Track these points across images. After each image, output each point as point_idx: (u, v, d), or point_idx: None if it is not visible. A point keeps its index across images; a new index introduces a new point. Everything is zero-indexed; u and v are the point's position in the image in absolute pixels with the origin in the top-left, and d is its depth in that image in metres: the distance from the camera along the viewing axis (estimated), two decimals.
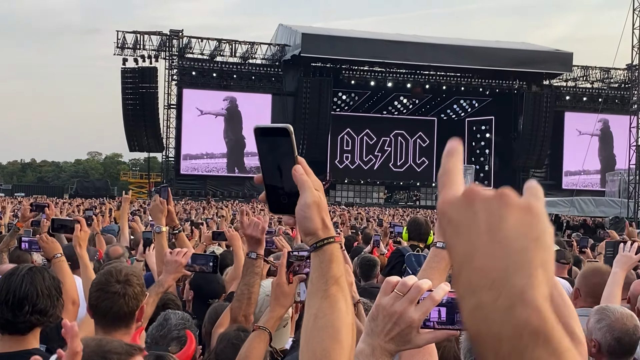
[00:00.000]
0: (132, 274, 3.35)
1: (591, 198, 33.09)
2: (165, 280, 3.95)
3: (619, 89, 56.93)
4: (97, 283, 3.33)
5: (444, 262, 2.49)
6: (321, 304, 1.50)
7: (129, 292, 3.23)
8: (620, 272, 4.01)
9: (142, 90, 50.45)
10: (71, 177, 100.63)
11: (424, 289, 1.46)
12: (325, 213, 1.51)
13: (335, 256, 1.49)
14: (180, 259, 3.95)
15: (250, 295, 3.59)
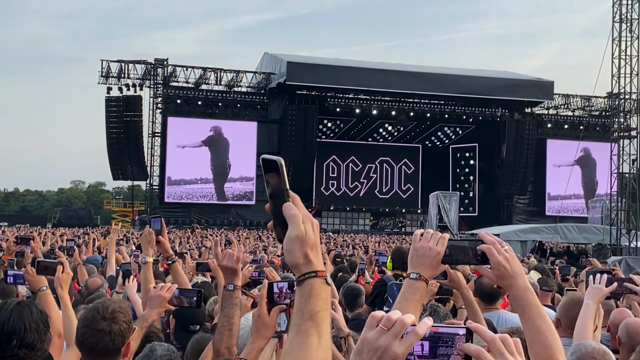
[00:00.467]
0: (119, 311, 3.33)
1: (574, 225, 33.29)
2: (150, 315, 3.96)
3: (599, 117, 57.50)
4: (83, 319, 3.32)
5: (418, 294, 2.47)
6: (292, 338, 1.53)
7: (115, 329, 3.24)
8: (591, 305, 4.04)
9: (126, 119, 50.38)
10: (54, 206, 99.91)
11: (408, 324, 1.48)
12: (310, 247, 1.53)
13: (314, 291, 1.51)
14: (164, 293, 3.98)
15: (230, 327, 3.59)
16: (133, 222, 54.50)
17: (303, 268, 1.52)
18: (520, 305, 2.38)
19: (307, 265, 1.52)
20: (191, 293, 4.22)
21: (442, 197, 42.20)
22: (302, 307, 1.53)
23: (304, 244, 1.53)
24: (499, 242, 2.46)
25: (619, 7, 33.23)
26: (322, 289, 1.52)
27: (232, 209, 52.39)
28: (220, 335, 3.64)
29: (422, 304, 2.57)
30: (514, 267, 2.39)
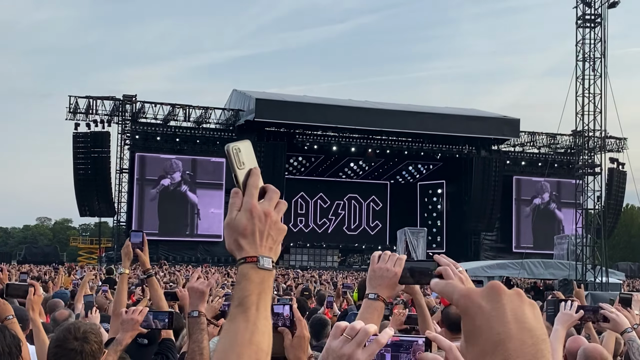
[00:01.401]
0: (91, 332, 3.38)
1: (540, 261, 33.57)
2: (123, 339, 3.99)
3: (565, 154, 58.46)
4: (55, 339, 3.36)
5: (377, 314, 2.57)
6: (223, 325, 1.54)
7: (86, 349, 3.27)
8: (561, 330, 4.14)
9: (94, 155, 50.03)
10: (19, 243, 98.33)
11: (371, 333, 1.54)
12: (240, 234, 1.53)
13: (243, 276, 1.51)
14: (136, 316, 4.03)
15: (201, 352, 3.63)
16: (100, 259, 53.83)
17: (236, 255, 1.54)
18: None
19: (239, 252, 1.53)
20: (163, 315, 4.29)
21: (410, 233, 42.42)
22: (234, 293, 1.54)
23: (233, 231, 1.53)
24: (454, 264, 2.54)
25: (582, 46, 34.00)
26: (251, 274, 1.51)
27: (199, 245, 52.06)
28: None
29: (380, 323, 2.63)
30: None
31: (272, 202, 1.55)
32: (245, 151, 1.60)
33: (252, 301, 1.49)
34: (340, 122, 51.63)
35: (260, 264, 1.51)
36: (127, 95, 51.58)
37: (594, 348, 4.33)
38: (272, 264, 1.53)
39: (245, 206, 1.53)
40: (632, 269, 58.98)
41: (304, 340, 2.87)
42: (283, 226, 1.57)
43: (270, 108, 49.88)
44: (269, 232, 1.53)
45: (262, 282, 1.51)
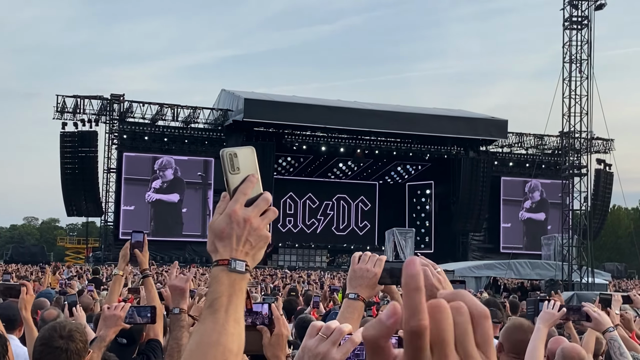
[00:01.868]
0: (76, 330, 3.38)
1: (527, 261, 33.78)
2: (107, 335, 3.99)
3: (552, 155, 58.72)
4: (40, 338, 3.36)
5: (357, 313, 2.60)
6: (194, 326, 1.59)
7: (72, 347, 3.27)
8: (543, 329, 4.16)
9: (81, 154, 49.81)
10: (6, 242, 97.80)
11: (346, 332, 1.56)
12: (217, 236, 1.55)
13: (214, 278, 1.53)
14: (118, 312, 4.02)
15: (179, 349, 3.63)
16: (87, 259, 53.64)
17: (212, 257, 1.56)
18: None
19: (215, 255, 1.55)
20: (145, 310, 4.27)
21: (398, 233, 42.51)
22: (207, 296, 1.57)
23: (212, 233, 1.56)
24: (432, 265, 2.59)
25: (568, 48, 34.23)
26: (222, 276, 1.53)
27: (187, 245, 51.97)
28: (170, 357, 3.68)
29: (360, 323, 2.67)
30: (446, 288, 2.51)
31: (257, 208, 1.56)
32: (244, 157, 1.60)
33: (221, 303, 1.51)
34: (329, 123, 51.64)
35: (231, 267, 1.53)
36: (114, 94, 51.42)
37: (572, 348, 4.37)
38: (245, 268, 1.54)
39: (227, 210, 1.55)
40: (619, 269, 59.29)
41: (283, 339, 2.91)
42: (266, 233, 1.58)
43: (259, 108, 49.83)
44: (247, 237, 1.55)
45: (232, 285, 1.53)
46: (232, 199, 1.56)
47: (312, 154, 56.25)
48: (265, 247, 1.60)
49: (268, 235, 1.59)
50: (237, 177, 1.57)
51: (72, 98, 49.80)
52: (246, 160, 1.59)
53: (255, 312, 2.99)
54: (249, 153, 1.61)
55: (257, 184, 1.58)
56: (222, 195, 1.59)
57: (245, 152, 1.60)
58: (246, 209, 1.55)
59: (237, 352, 1.51)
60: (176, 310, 3.74)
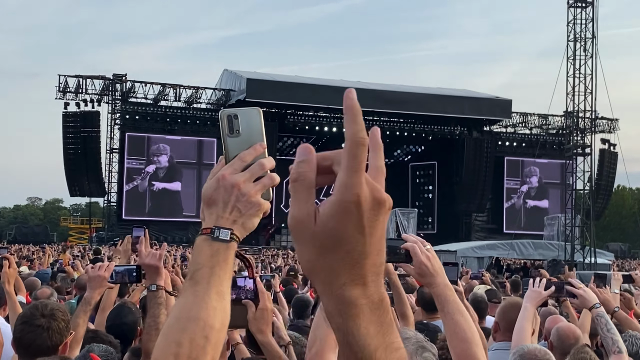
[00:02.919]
0: (58, 309, 3.37)
1: (530, 241, 33.74)
2: (92, 297, 3.95)
3: (556, 135, 58.52)
4: (22, 316, 3.37)
5: None
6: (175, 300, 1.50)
7: (53, 326, 3.23)
8: (529, 307, 4.08)
9: (84, 135, 49.78)
10: (10, 223, 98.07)
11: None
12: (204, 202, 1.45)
13: (196, 248, 1.44)
14: (102, 272, 3.98)
15: (157, 327, 3.56)
16: (90, 239, 53.80)
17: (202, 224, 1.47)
18: (440, 302, 2.51)
19: (203, 223, 1.45)
20: (130, 269, 4.20)
21: (401, 214, 42.38)
22: (188, 267, 1.49)
23: (202, 199, 1.46)
24: (422, 242, 2.56)
25: (573, 26, 33.96)
26: (203, 246, 1.42)
27: (190, 226, 51.99)
28: (148, 335, 3.63)
29: None
30: (435, 265, 2.52)
31: (249, 173, 1.42)
32: (246, 119, 1.45)
33: (202, 275, 1.40)
34: (332, 103, 51.45)
35: (214, 235, 1.41)
36: (117, 74, 51.32)
37: (567, 327, 4.30)
38: (230, 236, 1.42)
39: (216, 175, 1.43)
40: (622, 249, 59.34)
41: (267, 313, 2.91)
42: (257, 200, 1.44)
43: (262, 88, 49.71)
44: (235, 204, 1.42)
45: (215, 255, 1.41)
46: (228, 163, 1.43)
47: (315, 135, 56.12)
48: (259, 215, 1.46)
49: (261, 202, 1.45)
50: (235, 141, 1.43)
51: (74, 78, 49.74)
52: (250, 123, 1.45)
53: (240, 286, 2.94)
54: (253, 115, 1.46)
55: (263, 153, 1.44)
56: (219, 159, 1.46)
57: (248, 114, 1.46)
58: (237, 174, 1.42)
59: (220, 327, 1.40)
60: (153, 287, 3.68)
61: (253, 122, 1.45)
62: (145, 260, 3.76)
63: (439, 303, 2.50)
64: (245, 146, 1.43)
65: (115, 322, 5.02)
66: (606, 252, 38.73)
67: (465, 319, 2.45)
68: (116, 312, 5.15)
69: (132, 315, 5.54)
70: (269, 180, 1.46)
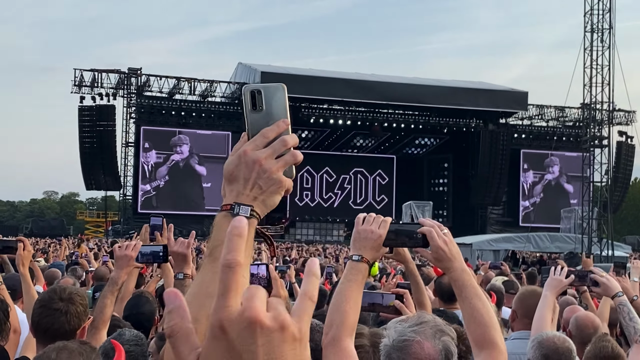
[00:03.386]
0: (76, 293, 3.35)
1: (546, 234, 33.53)
2: (118, 277, 3.94)
3: (573, 127, 58.14)
4: (40, 300, 3.34)
5: (361, 275, 2.56)
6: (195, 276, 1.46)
7: (72, 310, 3.23)
8: (550, 296, 4.04)
9: (99, 128, 50.03)
10: (26, 216, 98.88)
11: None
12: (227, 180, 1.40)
13: (216, 225, 1.41)
14: (129, 252, 3.98)
15: None
16: (106, 233, 54.11)
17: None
18: (457, 286, 2.50)
19: (224, 200, 1.42)
20: (156, 250, 4.21)
21: (416, 207, 42.28)
22: (207, 244, 1.45)
23: (223, 176, 1.41)
24: (439, 226, 2.54)
25: (590, 17, 33.67)
26: (223, 223, 1.38)
27: (206, 219, 52.10)
28: None
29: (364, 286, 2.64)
30: (452, 250, 2.52)
31: (271, 149, 1.36)
32: (270, 95, 1.40)
33: (217, 251, 1.36)
34: (346, 96, 51.46)
35: (234, 212, 1.37)
36: (132, 68, 51.53)
37: (586, 316, 4.24)
38: (250, 213, 1.37)
39: (238, 151, 1.39)
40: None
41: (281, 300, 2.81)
42: (279, 177, 1.38)
43: (276, 81, 49.27)
44: (256, 180, 1.36)
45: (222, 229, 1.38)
46: (251, 139, 1.38)
47: (329, 128, 56.11)
48: (280, 193, 1.41)
49: (282, 179, 1.39)
50: (258, 117, 1.38)
51: (90, 72, 49.97)
52: (273, 99, 1.40)
53: (252, 274, 2.91)
54: (277, 91, 1.41)
55: (287, 130, 1.39)
56: (242, 136, 1.42)
57: (272, 90, 1.41)
58: (259, 150, 1.37)
59: None
60: (180, 276, 3.69)
61: (277, 98, 1.40)
62: (174, 247, 3.78)
63: (457, 288, 2.47)
64: (269, 122, 1.38)
65: (132, 312, 5.05)
66: (623, 245, 38.44)
67: (483, 303, 2.44)
68: (134, 301, 5.16)
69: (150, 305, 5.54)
70: (292, 157, 1.40)
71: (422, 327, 2.32)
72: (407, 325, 2.36)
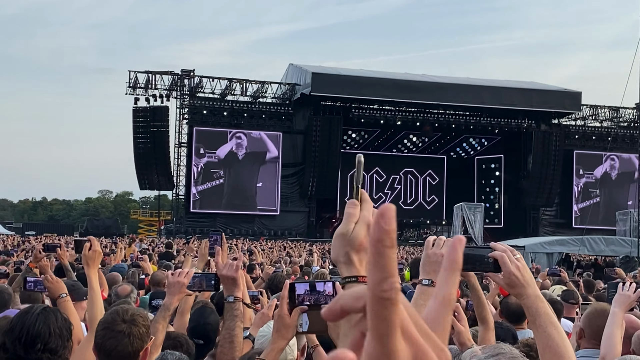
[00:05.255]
0: (139, 315, 3.37)
1: (601, 237, 32.83)
2: (170, 303, 3.97)
3: (628, 128, 56.92)
4: (103, 322, 3.35)
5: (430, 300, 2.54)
6: None
7: (134, 332, 3.25)
8: (619, 312, 4.00)
9: (153, 129, 50.80)
10: (82, 215, 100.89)
11: None
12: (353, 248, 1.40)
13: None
14: (182, 279, 3.98)
15: (232, 339, 3.57)
16: (159, 232, 54.89)
17: (343, 268, 1.43)
18: (531, 314, 2.43)
19: (348, 268, 1.42)
20: (209, 277, 4.21)
21: (467, 208, 41.96)
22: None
23: (347, 243, 1.42)
24: (511, 250, 2.51)
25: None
26: None
27: (256, 219, 52.52)
28: (222, 348, 3.61)
29: None
30: (525, 276, 2.44)
31: None
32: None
33: None
34: (396, 96, 51.25)
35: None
36: (185, 70, 52.12)
37: None
38: None
39: (364, 219, 1.42)
40: None
41: None
42: None
43: (326, 82, 49.79)
44: None
45: None
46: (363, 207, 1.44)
47: (380, 128, 55.95)
48: None
49: None
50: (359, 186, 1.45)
51: (144, 74, 50.74)
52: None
53: (319, 291, 2.92)
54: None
55: None
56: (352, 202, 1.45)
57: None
58: None
59: None
60: (230, 299, 3.66)
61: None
62: (222, 271, 3.71)
63: (530, 315, 2.42)
64: None
65: (199, 323, 5.09)
66: None
67: (558, 332, 2.37)
68: (199, 313, 5.20)
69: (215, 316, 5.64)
70: None
71: (499, 358, 2.29)
72: (484, 356, 2.33)
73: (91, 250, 4.60)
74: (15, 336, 3.31)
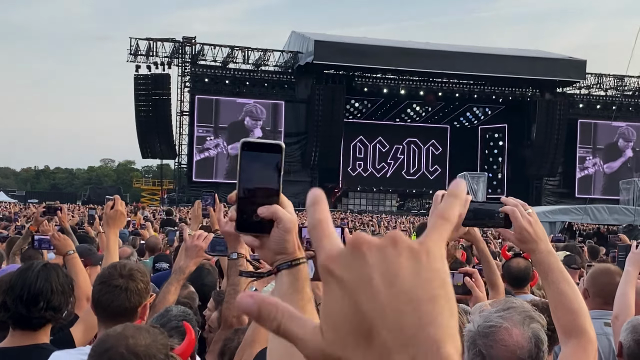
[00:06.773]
0: (137, 270, 3.31)
1: (604, 206, 32.82)
2: (187, 266, 3.90)
3: (632, 97, 56.58)
4: (100, 276, 3.30)
5: None
6: None
7: (132, 287, 3.19)
8: (632, 271, 3.93)
9: (155, 97, 50.59)
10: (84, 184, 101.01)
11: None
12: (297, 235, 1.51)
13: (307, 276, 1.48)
14: (200, 243, 3.91)
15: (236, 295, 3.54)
16: (162, 201, 54.94)
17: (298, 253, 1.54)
18: (543, 270, 2.35)
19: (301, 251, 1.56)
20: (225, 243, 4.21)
21: (470, 177, 41.75)
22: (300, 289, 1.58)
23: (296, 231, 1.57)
24: (522, 205, 2.42)
25: None
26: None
27: None
28: (227, 304, 3.57)
29: None
30: (537, 231, 2.36)
31: None
32: None
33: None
34: (400, 65, 50.89)
35: None
36: (186, 37, 51.73)
37: None
38: None
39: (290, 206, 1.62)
40: None
41: None
42: None
43: (329, 50, 49.42)
44: None
45: None
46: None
47: (383, 97, 55.66)
48: None
49: None
50: None
51: (145, 41, 50.34)
52: None
53: None
54: None
55: None
56: None
57: None
58: None
59: None
60: (234, 256, 3.60)
61: None
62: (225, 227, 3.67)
63: (542, 272, 2.34)
64: None
65: (195, 284, 5.08)
66: None
67: (571, 288, 2.30)
68: (196, 273, 5.14)
69: (212, 276, 5.62)
70: None
71: (510, 312, 2.22)
72: (494, 310, 2.25)
73: (113, 209, 4.48)
74: (17, 294, 3.26)
